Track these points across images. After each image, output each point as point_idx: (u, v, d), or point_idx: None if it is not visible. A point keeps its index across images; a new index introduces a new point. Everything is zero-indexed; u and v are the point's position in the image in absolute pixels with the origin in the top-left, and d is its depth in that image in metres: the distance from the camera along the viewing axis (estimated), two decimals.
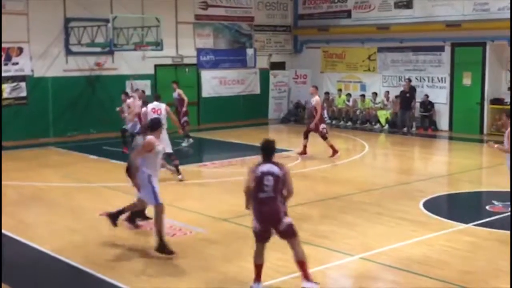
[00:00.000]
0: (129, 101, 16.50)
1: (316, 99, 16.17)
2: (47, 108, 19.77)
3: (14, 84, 19.13)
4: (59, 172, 14.61)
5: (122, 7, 20.12)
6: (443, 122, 21.51)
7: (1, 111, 14.59)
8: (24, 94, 19.34)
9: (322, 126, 16.13)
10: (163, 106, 13.91)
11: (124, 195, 12.20)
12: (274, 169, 7.15)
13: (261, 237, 7.24)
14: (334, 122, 23.38)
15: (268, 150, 7.26)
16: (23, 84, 19.28)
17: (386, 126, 21.98)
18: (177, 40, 22.40)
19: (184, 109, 18.33)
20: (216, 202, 11.62)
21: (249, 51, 24.54)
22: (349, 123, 23.11)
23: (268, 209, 7.13)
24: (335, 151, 16.05)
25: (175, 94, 18.55)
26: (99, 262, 8.33)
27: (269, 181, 7.08)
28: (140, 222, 10.04)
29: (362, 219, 10.39)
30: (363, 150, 17.91)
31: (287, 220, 7.20)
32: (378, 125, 22.23)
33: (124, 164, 13.14)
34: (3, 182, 13.06)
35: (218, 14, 23.52)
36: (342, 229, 9.80)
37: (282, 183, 7.15)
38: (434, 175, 14.48)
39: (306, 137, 16.26)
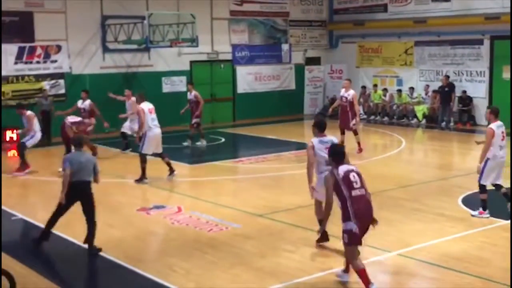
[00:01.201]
0: (29, 113, 14.75)
1: (352, 93, 15.88)
2: None
3: (53, 81, 19.47)
4: None
5: (157, 4, 20.26)
6: (482, 117, 21.12)
7: (1, 113, 14.50)
8: (62, 91, 19.67)
9: (354, 122, 15.75)
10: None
11: (159, 190, 12.34)
12: (352, 167, 7.35)
13: (360, 237, 7.07)
14: (371, 117, 23.22)
15: (341, 154, 7.42)
16: (61, 81, 19.61)
17: (423, 121, 21.70)
18: (212, 36, 22.48)
19: (198, 112, 17.46)
20: (251, 198, 11.62)
21: (284, 47, 24.47)
22: (386, 118, 22.89)
23: (364, 205, 7.13)
24: (360, 149, 15.84)
25: (191, 96, 17.74)
26: (136, 256, 8.43)
27: (355, 177, 7.14)
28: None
29: (400, 215, 10.28)
30: (400, 145, 17.71)
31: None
32: (415, 120, 21.97)
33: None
34: (44, 178, 13.32)
35: (253, 9, 23.51)
36: (379, 225, 9.68)
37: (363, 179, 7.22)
38: (473, 170, 14.15)
39: (343, 132, 16.03)
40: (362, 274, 6.94)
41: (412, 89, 22.61)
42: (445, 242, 8.86)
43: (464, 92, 21.04)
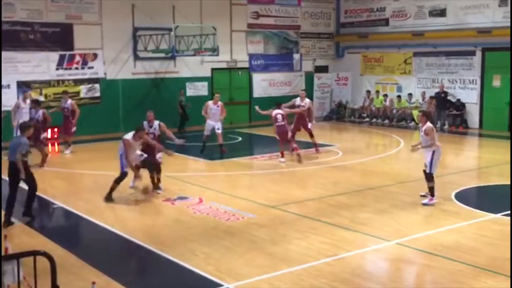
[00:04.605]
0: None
1: (308, 101, 15.99)
2: (118, 107, 20.13)
3: (89, 85, 19.56)
4: None
5: (183, 18, 20.28)
6: (473, 121, 20.96)
7: (1, 116, 14.59)
8: (98, 94, 19.75)
9: (311, 124, 15.82)
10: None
11: (183, 183, 12.34)
12: (280, 111, 14.49)
13: (281, 142, 14.59)
14: (373, 120, 23.12)
15: (278, 105, 14.75)
16: (97, 86, 19.70)
17: (420, 124, 21.50)
18: (232, 46, 22.47)
19: (74, 120, 15.96)
20: (265, 191, 11.60)
21: (296, 56, 24.42)
22: (386, 121, 22.75)
23: (282, 130, 14.41)
24: (318, 148, 15.82)
25: (66, 104, 16.10)
26: (162, 241, 8.42)
27: (278, 116, 14.36)
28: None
29: (398, 208, 10.21)
30: (399, 145, 17.59)
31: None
32: (412, 123, 21.81)
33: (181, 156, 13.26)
34: (80, 171, 13.40)
35: (268, 23, 23.47)
36: (379, 217, 9.65)
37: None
38: (465, 168, 14.13)
39: (293, 136, 15.51)
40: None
41: (410, 95, 22.48)
42: (440, 233, 8.77)
43: (459, 100, 20.93)
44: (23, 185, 9.58)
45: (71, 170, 13.76)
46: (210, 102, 16.14)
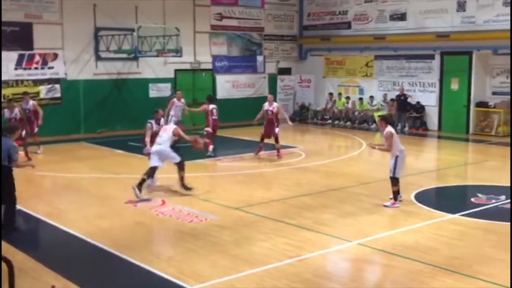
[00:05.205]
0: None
1: (276, 105, 15.80)
2: (79, 108, 19.82)
3: (50, 86, 19.19)
4: (89, 164, 14.65)
5: (146, 18, 20.11)
6: (432, 123, 21.40)
7: (0, 115, 14.30)
8: (58, 95, 19.40)
9: (277, 129, 15.54)
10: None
11: (145, 185, 12.20)
12: (214, 106, 15.13)
13: (214, 132, 15.38)
14: (335, 122, 23.37)
15: (211, 99, 15.57)
16: (57, 86, 19.35)
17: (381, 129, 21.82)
18: (195, 48, 22.38)
19: (39, 121, 15.66)
20: (228, 193, 11.59)
21: (259, 58, 24.49)
22: (348, 123, 23.04)
23: (216, 123, 15.47)
24: (280, 153, 15.38)
25: (28, 105, 15.56)
26: (124, 244, 8.32)
27: (214, 111, 15.33)
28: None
29: (360, 209, 10.34)
30: (361, 147, 17.83)
31: None
32: (374, 125, 22.11)
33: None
34: (40, 173, 13.12)
35: (231, 24, 23.48)
36: (342, 218, 9.75)
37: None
38: (424, 170, 14.40)
39: (262, 140, 15.60)
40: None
41: (372, 97, 22.80)
42: (400, 233, 8.92)
43: (418, 103, 21.35)
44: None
45: (31, 171, 13.44)
46: (175, 99, 17.34)
